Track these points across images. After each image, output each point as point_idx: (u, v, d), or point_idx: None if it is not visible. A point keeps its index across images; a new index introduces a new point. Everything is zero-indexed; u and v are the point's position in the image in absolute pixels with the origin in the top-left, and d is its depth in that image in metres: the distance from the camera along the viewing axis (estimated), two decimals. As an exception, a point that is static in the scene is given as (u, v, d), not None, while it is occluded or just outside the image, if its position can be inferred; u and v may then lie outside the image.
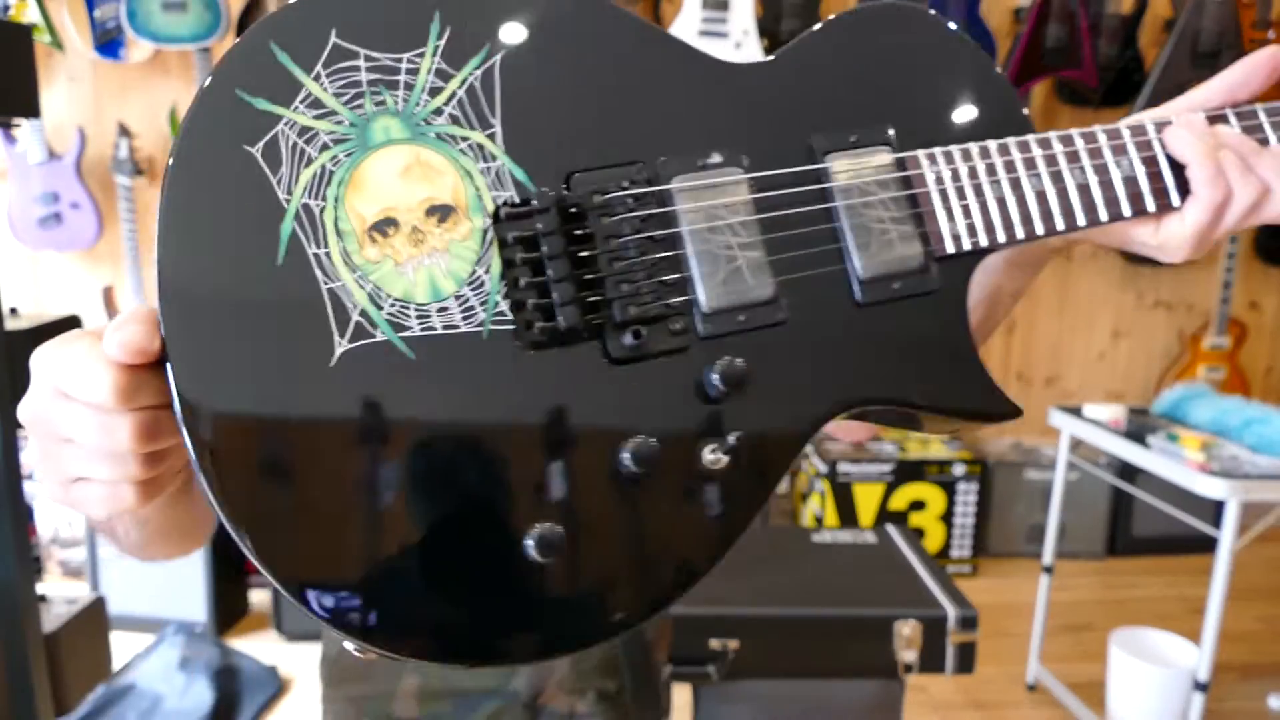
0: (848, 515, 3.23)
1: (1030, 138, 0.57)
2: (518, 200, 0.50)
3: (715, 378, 0.50)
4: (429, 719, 0.89)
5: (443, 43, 0.50)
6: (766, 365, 0.52)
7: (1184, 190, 0.57)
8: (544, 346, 0.49)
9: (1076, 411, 2.48)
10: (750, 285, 0.52)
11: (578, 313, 0.49)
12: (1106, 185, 0.57)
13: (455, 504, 0.47)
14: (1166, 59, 3.22)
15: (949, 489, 3.24)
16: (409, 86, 0.50)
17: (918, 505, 3.24)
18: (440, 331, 0.48)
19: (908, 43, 0.59)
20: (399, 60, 0.50)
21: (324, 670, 0.93)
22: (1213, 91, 0.59)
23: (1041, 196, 0.56)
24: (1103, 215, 0.57)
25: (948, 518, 3.26)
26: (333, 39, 0.49)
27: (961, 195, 0.56)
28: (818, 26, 0.58)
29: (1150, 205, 0.57)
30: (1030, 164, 0.57)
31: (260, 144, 0.47)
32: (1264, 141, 0.58)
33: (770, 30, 3.16)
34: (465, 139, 0.50)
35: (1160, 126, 0.58)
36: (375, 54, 0.49)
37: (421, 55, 0.50)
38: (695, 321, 0.51)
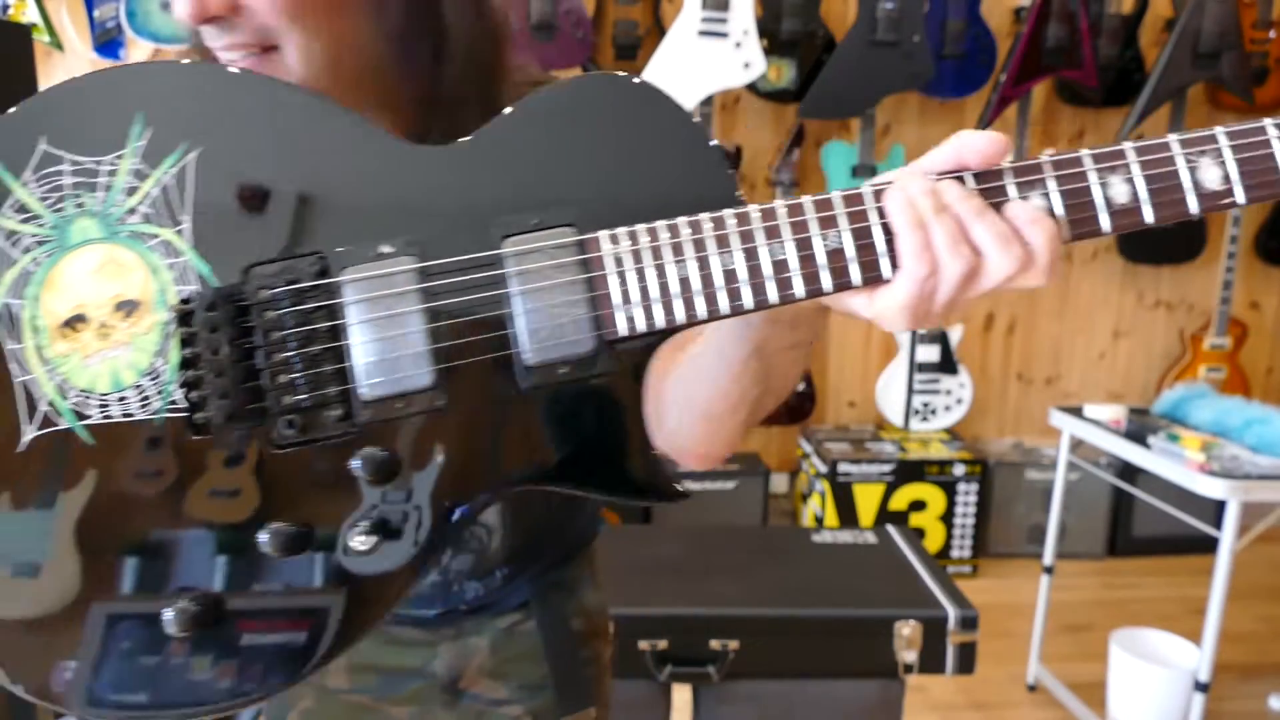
0: (848, 515, 3.23)
1: (727, 213, 0.54)
2: (197, 295, 0.53)
3: (359, 465, 0.53)
4: (359, 690, 0.91)
5: (143, 144, 0.53)
6: (422, 451, 0.54)
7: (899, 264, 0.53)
8: (208, 433, 0.53)
9: (1077, 412, 2.48)
10: (410, 374, 0.53)
11: (233, 404, 0.52)
12: (807, 260, 0.53)
13: (115, 576, 0.52)
14: (1167, 59, 3.22)
15: (949, 489, 3.23)
16: (108, 188, 0.53)
17: (918, 505, 3.23)
18: (118, 419, 0.53)
19: (612, 116, 0.56)
20: (100, 163, 0.53)
21: None
22: (943, 155, 0.54)
23: (731, 275, 0.53)
24: (799, 291, 0.53)
25: (948, 518, 3.26)
26: (42, 146, 0.53)
27: (641, 276, 0.53)
28: (520, 101, 0.56)
29: (856, 279, 0.53)
30: (723, 241, 0.53)
31: None
32: (1001, 204, 0.53)
33: (770, 30, 3.16)
34: (155, 236, 0.53)
35: (880, 193, 0.53)
36: (80, 158, 0.53)
37: (122, 157, 0.53)
38: (355, 410, 0.53)
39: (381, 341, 0.53)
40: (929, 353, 3.46)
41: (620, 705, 1.76)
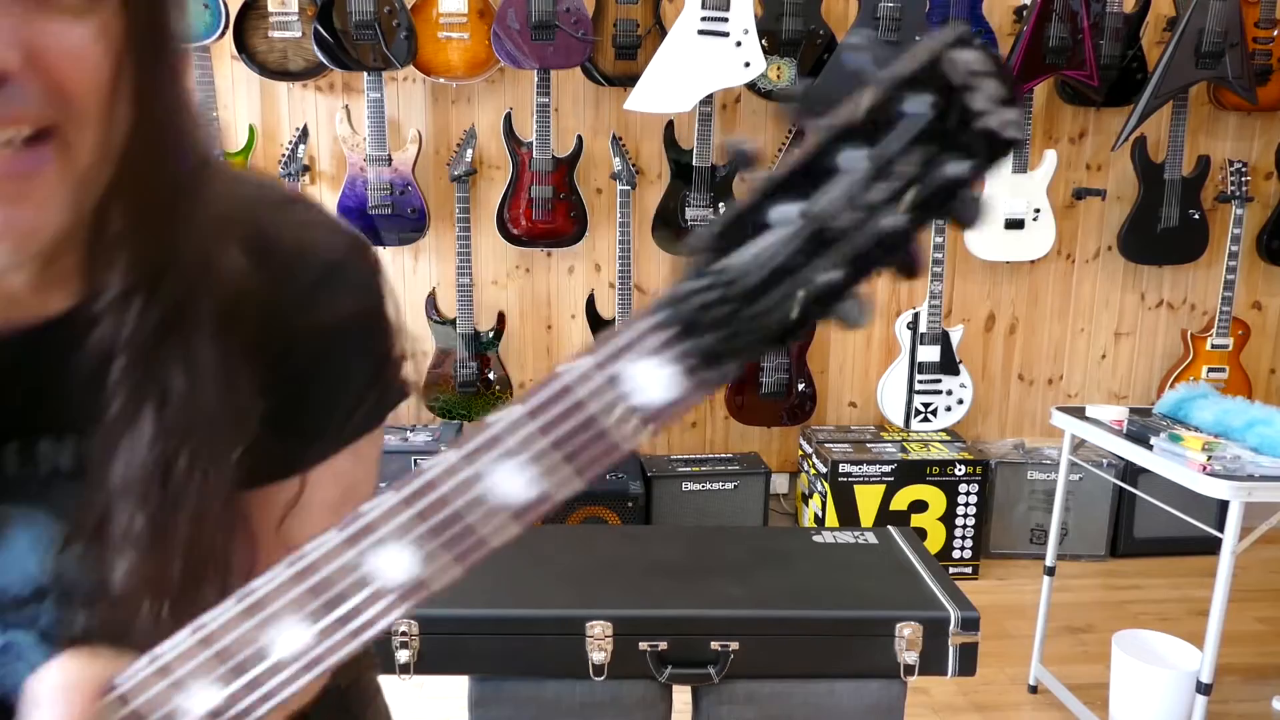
0: (849, 516, 3.22)
1: None
2: None
3: None
4: None
5: None
6: None
7: None
8: None
9: (1079, 412, 2.47)
10: None
11: None
12: None
13: None
14: (1169, 58, 3.21)
15: (950, 490, 3.22)
16: None
17: (919, 506, 3.23)
18: None
19: None
20: None
21: None
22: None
23: None
24: None
25: (949, 518, 3.25)
26: None
27: None
28: None
29: None
30: None
31: None
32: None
33: (770, 29, 3.16)
34: None
35: None
36: None
37: None
38: None
39: None
40: (930, 353, 3.46)
41: (620, 705, 1.76)
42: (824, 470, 3.25)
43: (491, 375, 3.37)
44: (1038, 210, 3.40)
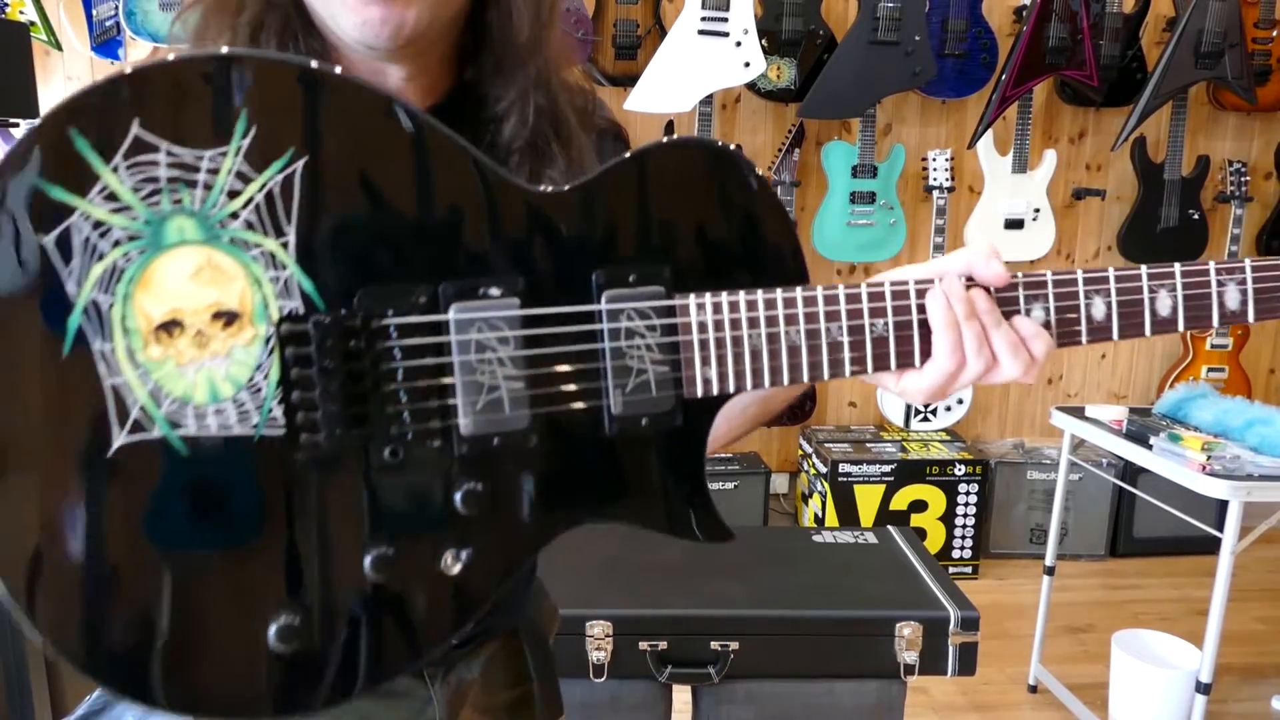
0: (848, 516, 3.22)
1: (798, 292, 0.59)
2: (301, 312, 0.51)
3: (459, 498, 0.55)
4: None
5: (246, 142, 0.50)
6: (512, 485, 0.57)
7: (926, 353, 0.61)
8: (309, 453, 0.52)
9: (1078, 412, 2.47)
10: (508, 415, 0.55)
11: (342, 430, 0.52)
12: (858, 345, 0.60)
13: (212, 591, 0.51)
14: (1169, 59, 3.21)
15: (950, 490, 3.23)
16: (208, 186, 0.49)
17: (919, 506, 3.23)
18: (214, 432, 0.51)
19: (703, 182, 0.59)
20: (200, 158, 0.49)
21: None
22: (958, 263, 0.62)
23: (795, 351, 0.59)
24: (846, 372, 0.60)
25: (949, 518, 3.25)
26: (134, 129, 0.48)
27: (720, 345, 0.58)
28: (623, 159, 0.59)
29: (893, 365, 0.61)
30: (791, 319, 0.59)
31: (53, 234, 0.47)
32: (1012, 313, 0.61)
33: (770, 30, 3.16)
34: (258, 245, 0.51)
35: (922, 290, 0.61)
36: (177, 149, 0.49)
37: (224, 154, 0.49)
38: (453, 443, 0.55)
39: (485, 380, 0.55)
40: (930, 353, 3.46)
41: (620, 705, 1.76)
42: (824, 470, 3.25)
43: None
44: (1037, 210, 3.40)
